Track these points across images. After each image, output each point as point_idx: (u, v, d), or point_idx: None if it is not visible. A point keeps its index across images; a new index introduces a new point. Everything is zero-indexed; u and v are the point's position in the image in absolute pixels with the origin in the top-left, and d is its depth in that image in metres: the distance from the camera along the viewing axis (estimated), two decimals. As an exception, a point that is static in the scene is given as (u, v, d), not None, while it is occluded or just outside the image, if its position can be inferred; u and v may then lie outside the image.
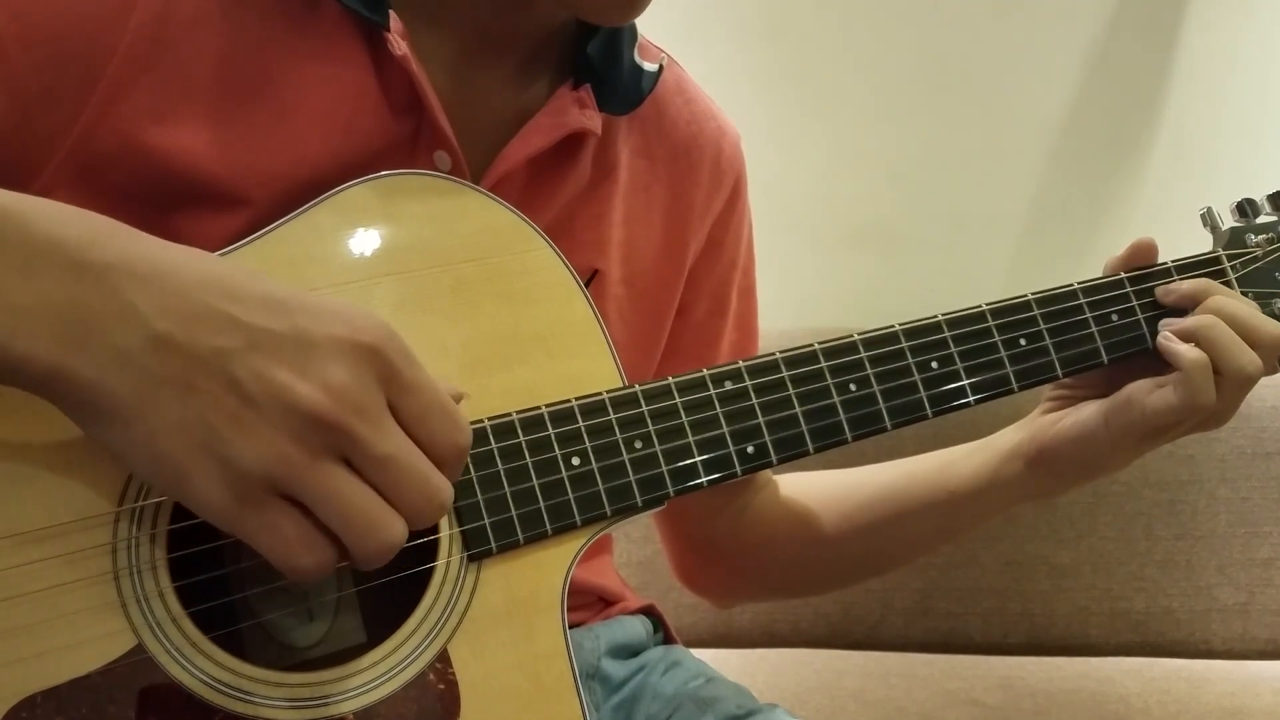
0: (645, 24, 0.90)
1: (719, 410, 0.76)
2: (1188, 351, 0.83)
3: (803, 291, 1.66)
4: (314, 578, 0.57)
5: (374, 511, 0.57)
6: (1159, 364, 0.85)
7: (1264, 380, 1.48)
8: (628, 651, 0.97)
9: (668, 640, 1.03)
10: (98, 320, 0.54)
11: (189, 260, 0.57)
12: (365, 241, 0.72)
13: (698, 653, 1.03)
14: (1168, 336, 0.85)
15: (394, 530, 0.57)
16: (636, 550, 1.53)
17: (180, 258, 0.57)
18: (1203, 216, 0.94)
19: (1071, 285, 0.87)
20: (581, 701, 0.69)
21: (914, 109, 1.69)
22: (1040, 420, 0.91)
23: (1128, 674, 1.42)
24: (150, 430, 0.54)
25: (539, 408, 0.72)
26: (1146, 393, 0.84)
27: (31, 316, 0.53)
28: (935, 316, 0.83)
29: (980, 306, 0.84)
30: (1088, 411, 0.88)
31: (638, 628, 0.99)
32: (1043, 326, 0.85)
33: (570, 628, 0.71)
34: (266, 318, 0.56)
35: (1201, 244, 0.94)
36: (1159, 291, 0.88)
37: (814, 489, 1.02)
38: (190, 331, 0.55)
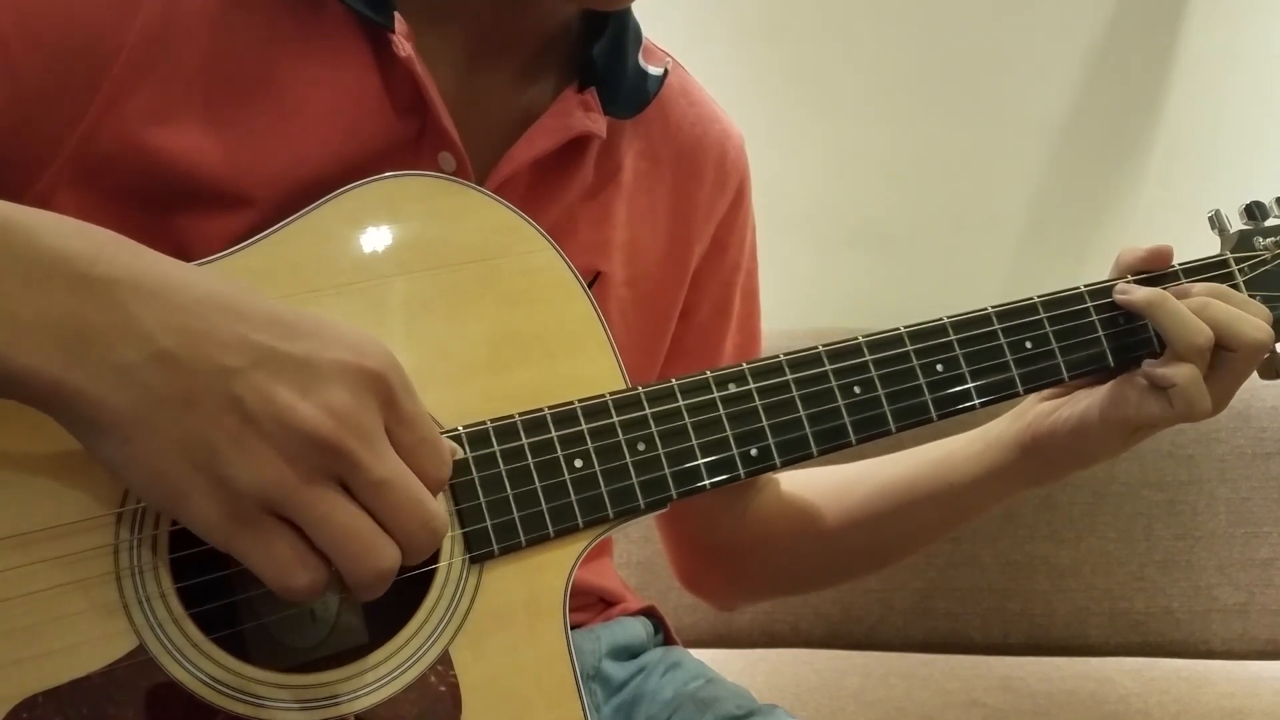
0: (645, 24, 0.90)
1: (722, 412, 0.76)
2: (1174, 373, 0.82)
3: (803, 292, 1.66)
4: (307, 599, 0.57)
5: (367, 536, 0.57)
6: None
7: (1264, 380, 1.50)
8: (628, 653, 0.97)
9: (668, 641, 1.03)
10: (100, 335, 0.54)
11: (195, 278, 0.57)
12: (368, 243, 0.72)
13: (698, 653, 1.03)
14: (1150, 363, 0.84)
15: (386, 556, 0.57)
16: (636, 551, 1.53)
17: (187, 275, 0.57)
18: (1210, 219, 0.94)
19: (1078, 288, 0.86)
20: (583, 705, 0.69)
21: (914, 109, 1.69)
22: (1037, 409, 0.91)
23: (1128, 674, 1.42)
24: (149, 447, 0.54)
25: (542, 409, 0.72)
26: (1142, 396, 0.84)
27: (34, 330, 0.53)
28: (940, 319, 0.83)
29: (985, 309, 0.84)
30: (1083, 405, 0.88)
31: (638, 629, 0.99)
32: (1049, 329, 0.84)
33: (571, 629, 0.71)
34: (272, 338, 0.56)
35: (1202, 244, 0.93)
36: (1116, 289, 0.86)
37: (815, 485, 1.02)
38: (194, 349, 0.54)
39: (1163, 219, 1.66)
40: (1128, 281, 0.87)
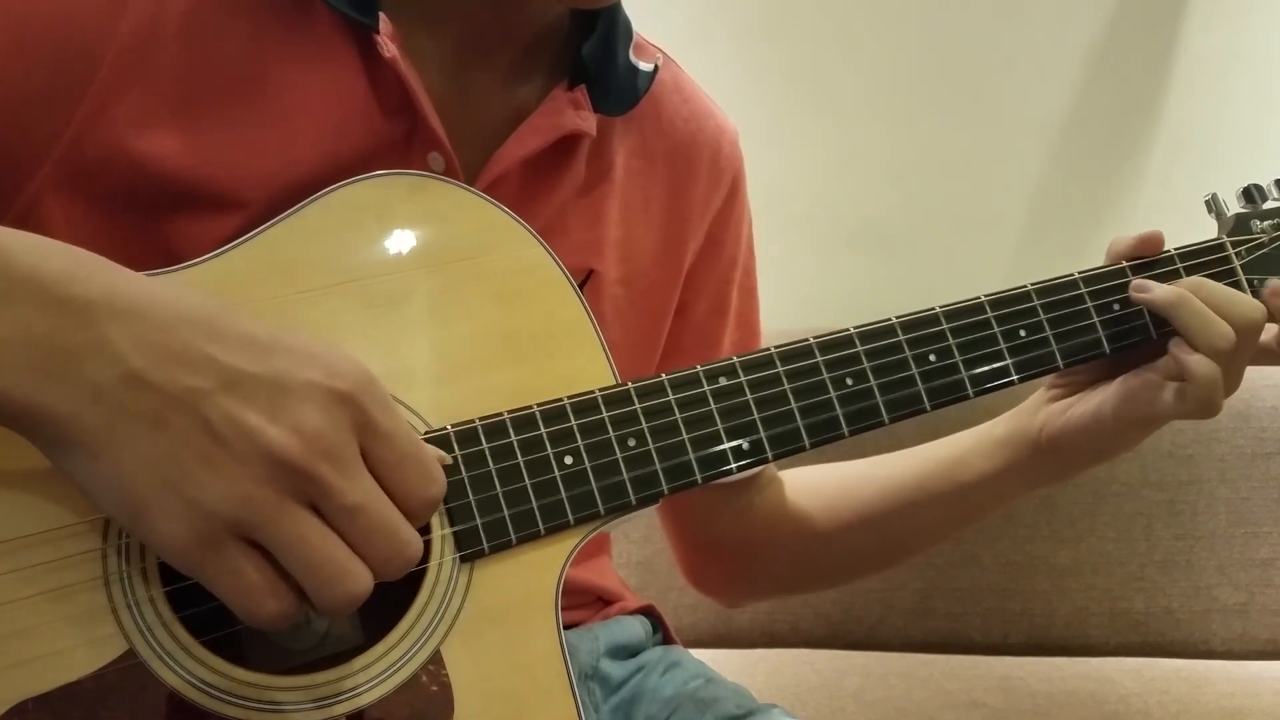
0: (646, 23, 0.90)
1: (713, 407, 0.75)
2: (1198, 365, 0.81)
3: (802, 291, 1.65)
4: (273, 627, 0.56)
5: (339, 560, 0.56)
6: (1159, 349, 0.84)
7: (1264, 380, 1.50)
8: (627, 652, 0.97)
9: (667, 641, 1.03)
10: (74, 355, 0.53)
11: (171, 297, 0.57)
12: (356, 242, 0.72)
13: (697, 653, 1.03)
14: (1177, 343, 0.83)
15: (359, 580, 0.57)
16: (636, 550, 1.53)
17: (162, 295, 0.57)
18: (1207, 202, 0.93)
19: (1072, 275, 0.86)
20: (577, 703, 0.69)
21: (913, 109, 1.69)
22: (1048, 408, 0.91)
23: (1128, 674, 1.42)
24: (118, 466, 0.54)
25: (530, 407, 0.71)
26: (1154, 392, 0.84)
27: (8, 350, 0.53)
28: (933, 309, 0.82)
29: (979, 298, 0.83)
30: (1095, 401, 0.87)
31: (637, 628, 0.99)
32: (1043, 317, 0.84)
33: (569, 628, 0.71)
34: (244, 359, 0.56)
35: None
36: (1133, 286, 0.85)
37: (821, 484, 1.02)
38: (165, 369, 0.54)
39: (1163, 219, 1.63)
40: (1125, 266, 0.87)
